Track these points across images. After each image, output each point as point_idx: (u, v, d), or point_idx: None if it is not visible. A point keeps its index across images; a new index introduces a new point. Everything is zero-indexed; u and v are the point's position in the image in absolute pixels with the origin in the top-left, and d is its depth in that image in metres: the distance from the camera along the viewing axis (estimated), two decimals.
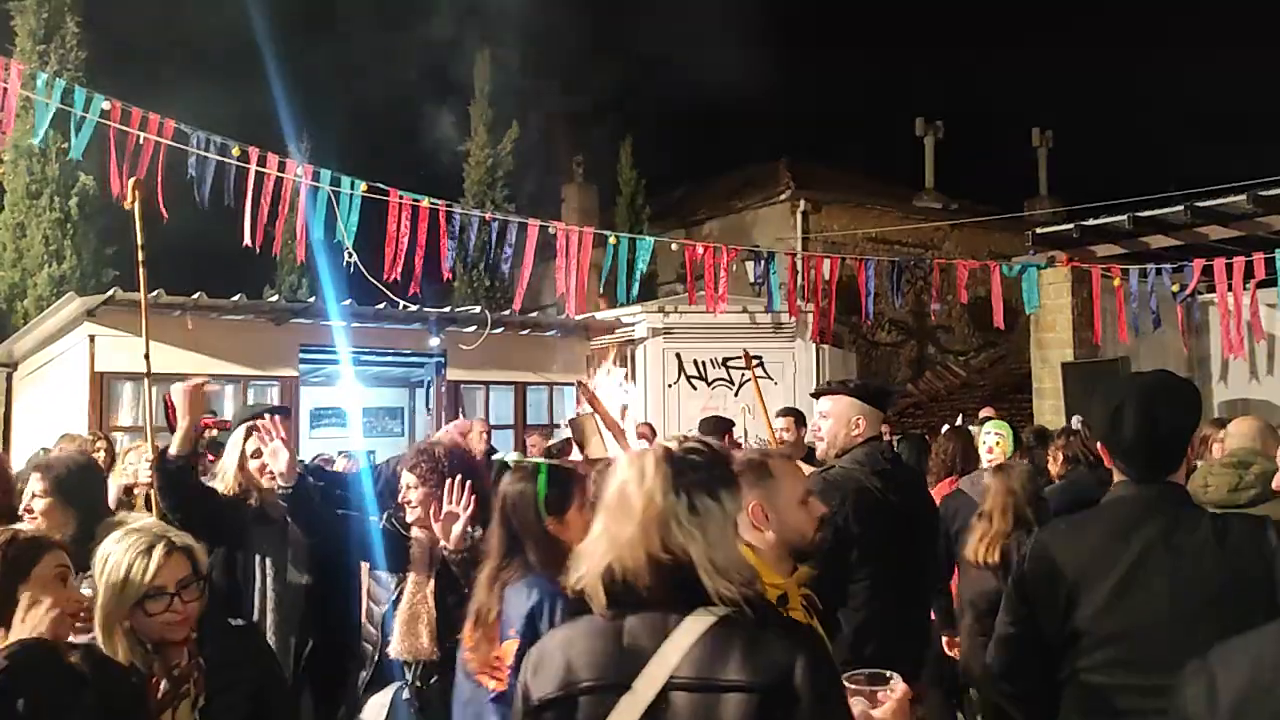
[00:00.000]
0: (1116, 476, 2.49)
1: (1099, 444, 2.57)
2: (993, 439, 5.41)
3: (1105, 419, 2.44)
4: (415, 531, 3.65)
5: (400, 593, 3.58)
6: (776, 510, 2.52)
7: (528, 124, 17.63)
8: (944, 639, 5.17)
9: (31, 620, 2.16)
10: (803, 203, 17.68)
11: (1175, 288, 9.48)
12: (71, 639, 2.30)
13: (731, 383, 11.94)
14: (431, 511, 3.48)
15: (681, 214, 19.56)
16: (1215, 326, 9.59)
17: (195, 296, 9.64)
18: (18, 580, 2.20)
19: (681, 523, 1.79)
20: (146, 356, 4.62)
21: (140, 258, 4.84)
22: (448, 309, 11.43)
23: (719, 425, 6.62)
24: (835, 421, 3.71)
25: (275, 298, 11.46)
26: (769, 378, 11.72)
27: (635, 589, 1.78)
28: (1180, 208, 9.44)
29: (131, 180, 5.63)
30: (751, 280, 12.65)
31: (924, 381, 17.72)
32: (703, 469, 1.86)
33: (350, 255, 8.60)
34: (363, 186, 8.40)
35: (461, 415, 11.01)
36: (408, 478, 3.62)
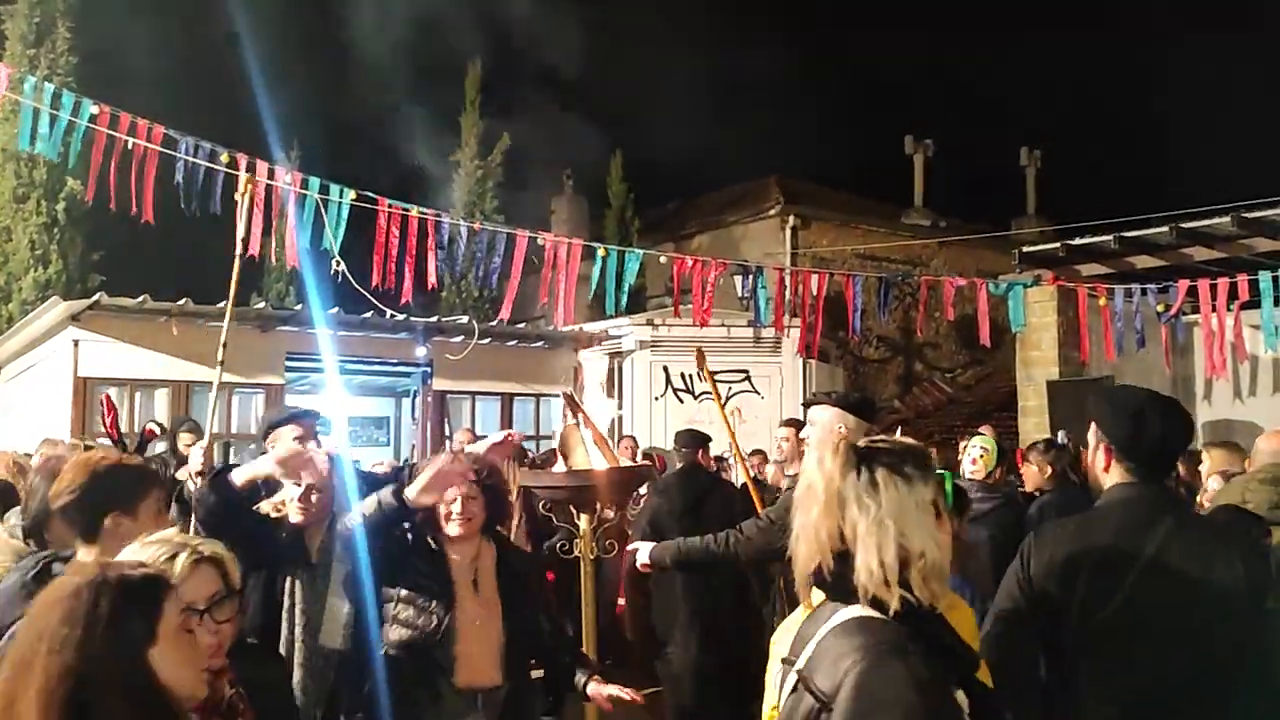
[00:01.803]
0: (1118, 478, 2.58)
1: (1106, 446, 2.63)
2: (977, 451, 5.50)
3: (1128, 424, 2.58)
4: (454, 555, 3.40)
5: (440, 618, 3.28)
6: None
7: (518, 135, 17.65)
8: None
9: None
10: (792, 218, 17.73)
11: (1160, 308, 9.52)
12: None
13: (718, 396, 11.94)
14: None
15: (671, 227, 19.59)
16: (1199, 347, 9.64)
17: (181, 302, 9.61)
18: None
19: (861, 497, 1.83)
20: (221, 363, 4.63)
21: (238, 251, 4.87)
22: (435, 319, 11.41)
23: (696, 439, 6.61)
24: (819, 431, 3.82)
25: (262, 305, 11.41)
26: (756, 392, 11.74)
27: (818, 579, 1.88)
28: (1166, 229, 9.52)
29: (246, 176, 5.72)
30: (740, 294, 12.68)
31: (911, 398, 17.74)
32: (887, 453, 1.90)
33: (338, 264, 8.58)
34: (351, 195, 8.39)
35: (447, 426, 10.99)
36: (467, 488, 3.39)
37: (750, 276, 10.80)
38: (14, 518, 3.23)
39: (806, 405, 4.07)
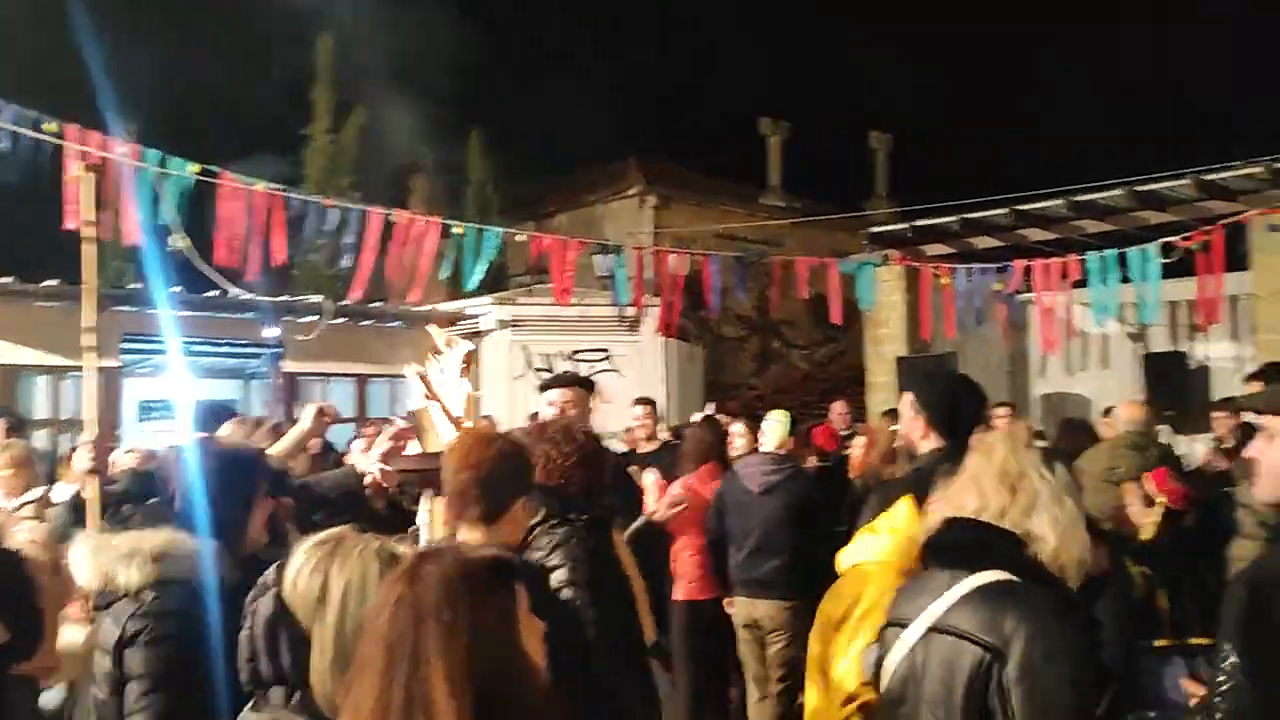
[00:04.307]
0: (934, 443, 3.22)
1: (925, 417, 3.26)
2: (771, 424, 5.80)
3: (943, 401, 3.26)
4: None
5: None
6: None
7: (374, 111, 17.16)
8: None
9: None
10: (652, 198, 17.85)
11: (998, 286, 9.97)
12: None
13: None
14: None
15: (532, 206, 19.45)
16: (1034, 324, 10.15)
17: (7, 281, 9.03)
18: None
19: (1041, 471, 2.14)
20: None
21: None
22: (284, 298, 11.05)
23: None
24: (580, 410, 4.36)
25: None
26: (616, 371, 11.79)
27: (946, 547, 2.13)
28: (1004, 210, 9.96)
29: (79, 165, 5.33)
30: (600, 273, 12.68)
31: (768, 375, 18.17)
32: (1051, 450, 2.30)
33: (180, 240, 8.24)
34: (193, 168, 8.02)
35: (299, 409, 10.65)
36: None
37: (610, 255, 10.81)
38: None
39: (546, 387, 4.50)
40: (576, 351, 11.98)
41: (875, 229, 11.45)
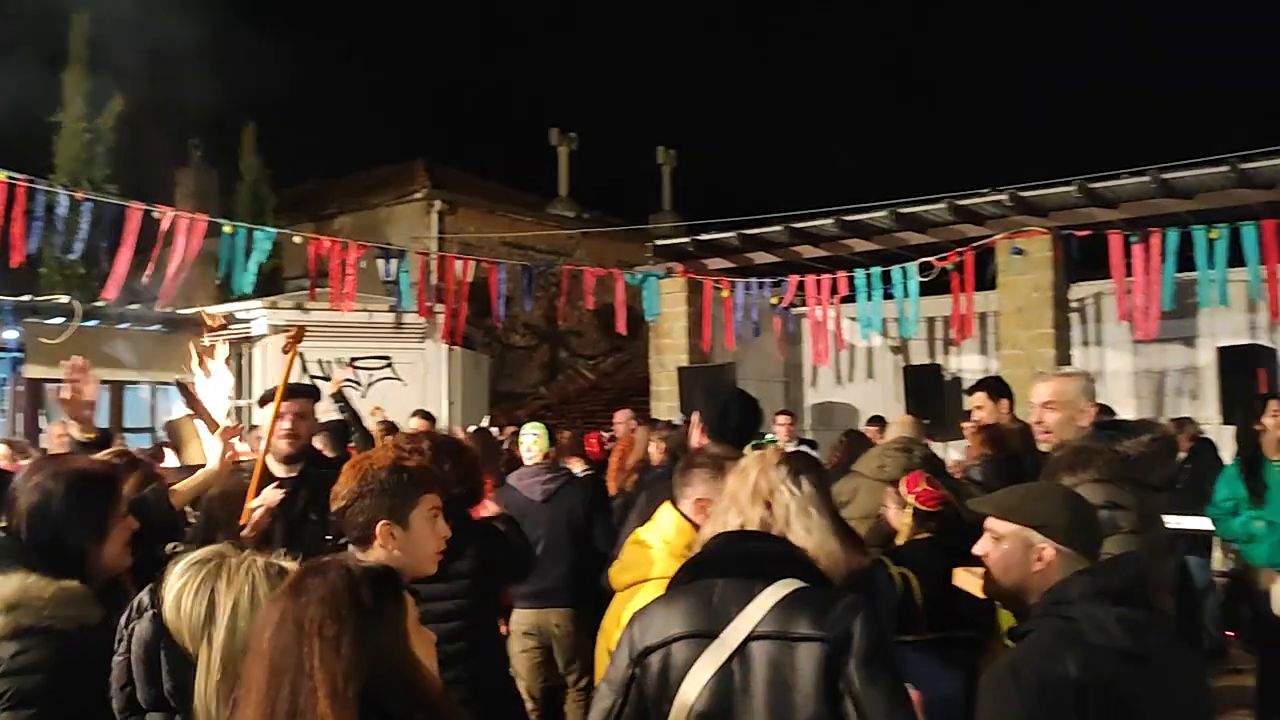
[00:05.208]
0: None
1: (700, 427, 3.69)
2: (530, 438, 5.85)
3: (716, 412, 3.69)
4: None
5: None
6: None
7: (135, 97, 15.97)
8: None
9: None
10: (438, 203, 17.54)
11: (774, 300, 10.41)
12: None
13: (358, 384, 11.55)
14: None
15: (311, 207, 18.71)
16: (807, 336, 10.65)
17: None
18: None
19: (791, 489, 2.31)
20: None
21: None
22: (27, 297, 10.13)
23: (340, 432, 6.39)
24: (309, 423, 4.32)
25: None
26: (399, 379, 11.49)
27: (729, 560, 2.17)
28: (780, 228, 10.38)
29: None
30: (383, 278, 12.34)
31: (556, 385, 18.21)
32: (801, 460, 2.44)
33: None
34: None
35: (44, 417, 9.81)
36: None
37: (394, 260, 10.55)
38: None
39: (267, 400, 4.29)
40: (356, 359, 11.58)
41: (660, 242, 11.68)
